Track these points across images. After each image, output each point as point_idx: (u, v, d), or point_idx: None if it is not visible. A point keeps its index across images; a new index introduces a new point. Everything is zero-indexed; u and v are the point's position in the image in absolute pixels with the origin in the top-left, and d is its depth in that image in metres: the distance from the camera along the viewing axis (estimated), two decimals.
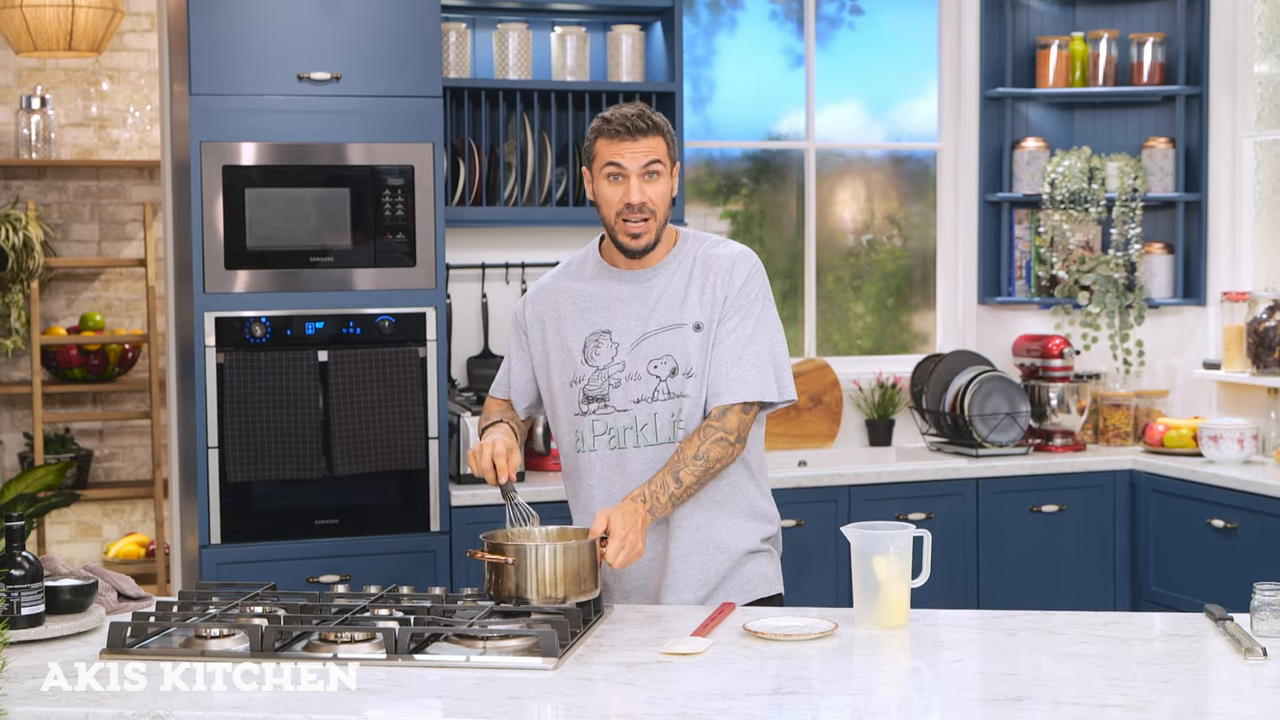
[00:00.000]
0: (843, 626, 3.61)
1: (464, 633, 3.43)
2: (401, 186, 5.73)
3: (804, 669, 3.29)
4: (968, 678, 3.30)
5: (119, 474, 8.98)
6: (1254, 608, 3.54)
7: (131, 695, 3.12)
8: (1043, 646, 3.49)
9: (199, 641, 3.45)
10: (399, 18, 5.72)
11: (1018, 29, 7.29)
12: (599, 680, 3.21)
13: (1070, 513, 6.56)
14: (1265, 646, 3.39)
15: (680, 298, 4.03)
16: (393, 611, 3.64)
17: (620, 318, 4.03)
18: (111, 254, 8.85)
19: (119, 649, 3.42)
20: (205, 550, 5.62)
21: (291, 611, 3.65)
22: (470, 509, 5.84)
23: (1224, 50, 7.04)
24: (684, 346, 3.99)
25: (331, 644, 3.39)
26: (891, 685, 3.28)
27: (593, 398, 4.02)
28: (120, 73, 8.85)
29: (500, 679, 3.21)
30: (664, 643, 3.47)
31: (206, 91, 5.57)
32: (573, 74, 6.41)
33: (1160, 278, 7.13)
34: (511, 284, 6.58)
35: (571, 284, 4.12)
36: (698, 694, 3.10)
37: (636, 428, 4.01)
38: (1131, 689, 3.15)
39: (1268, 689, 3.19)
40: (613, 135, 3.92)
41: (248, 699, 3.10)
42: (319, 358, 5.65)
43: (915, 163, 7.55)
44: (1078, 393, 6.80)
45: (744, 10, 7.26)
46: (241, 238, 5.61)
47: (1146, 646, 3.52)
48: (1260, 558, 5.97)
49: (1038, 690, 3.14)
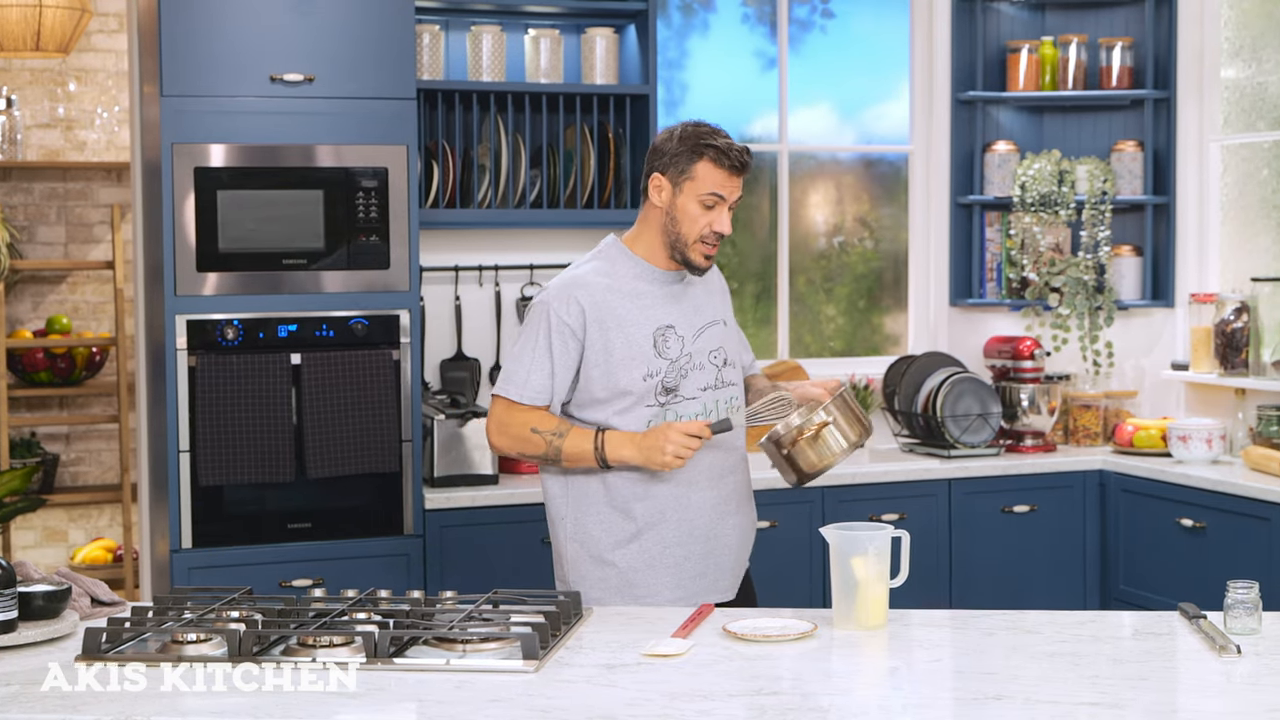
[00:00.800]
0: (822, 627, 3.63)
1: (444, 636, 3.43)
2: (375, 189, 5.72)
3: (784, 670, 3.30)
4: (947, 677, 3.32)
5: (86, 478, 8.93)
6: (1227, 605, 3.57)
7: (109, 700, 3.11)
8: (1020, 645, 3.51)
9: (175, 646, 3.43)
10: (372, 19, 5.71)
11: (988, 33, 7.31)
12: (580, 682, 3.22)
13: (1041, 513, 6.59)
14: (1239, 644, 3.42)
15: (705, 297, 4.32)
16: (371, 615, 3.63)
17: (677, 313, 4.23)
18: (79, 256, 8.81)
19: (94, 655, 3.40)
20: (176, 555, 5.60)
21: (269, 616, 3.64)
22: (444, 512, 5.84)
23: (1191, 54, 7.07)
24: (726, 340, 4.32)
25: (310, 648, 3.38)
26: (871, 685, 3.30)
27: (669, 389, 4.18)
28: (88, 73, 8.82)
29: (481, 682, 3.21)
30: (644, 644, 3.48)
31: (178, 93, 5.55)
32: (546, 76, 6.41)
33: (1129, 280, 7.16)
34: (485, 286, 6.58)
35: (621, 284, 4.22)
36: (680, 695, 3.10)
37: (705, 413, 4.19)
38: (1109, 687, 3.17)
39: (1242, 686, 3.21)
40: (728, 169, 4.13)
41: (226, 703, 3.10)
42: (291, 360, 5.64)
43: (887, 165, 7.56)
44: (1048, 394, 6.82)
45: (716, 13, 7.27)
46: (213, 240, 5.59)
47: (1122, 645, 3.55)
48: (1229, 557, 6.00)
49: (1016, 689, 3.16)
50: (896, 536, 3.73)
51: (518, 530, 5.89)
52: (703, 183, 4.12)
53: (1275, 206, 6.85)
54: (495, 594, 3.80)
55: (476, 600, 3.75)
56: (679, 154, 4.13)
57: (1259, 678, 3.24)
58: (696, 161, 4.11)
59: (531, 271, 6.60)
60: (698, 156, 4.11)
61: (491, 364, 6.57)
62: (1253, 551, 5.89)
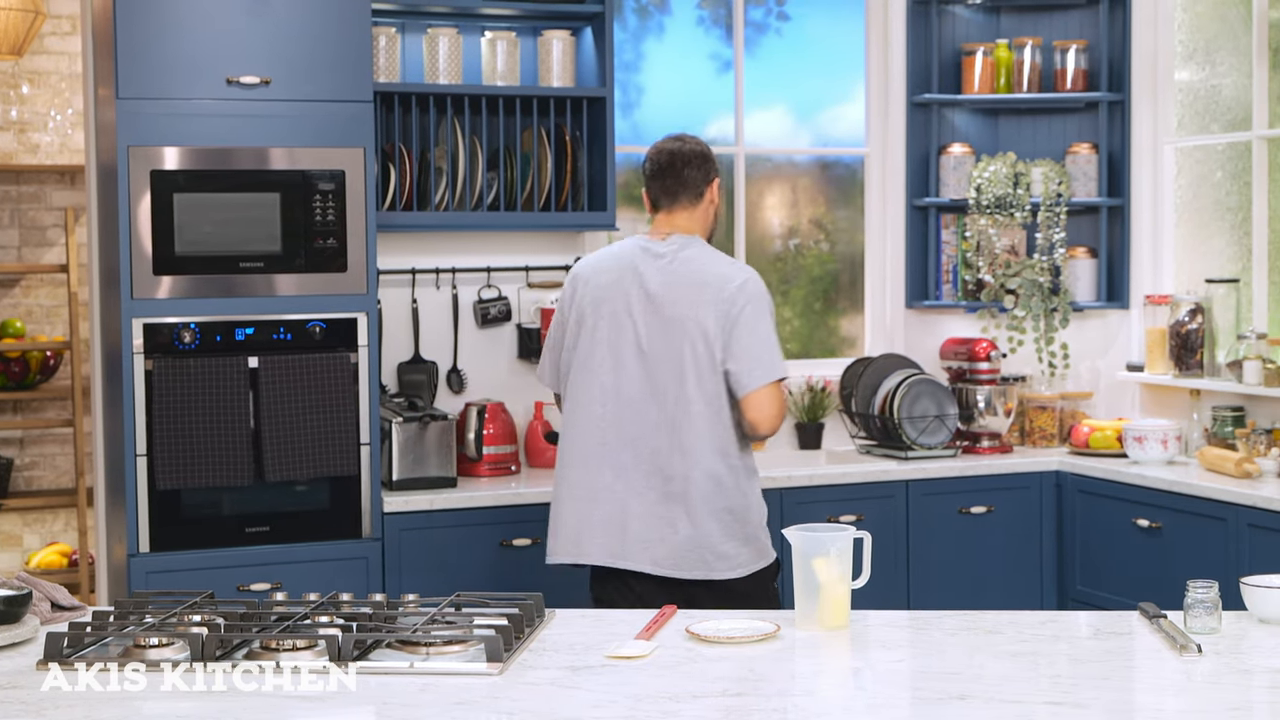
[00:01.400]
0: (784, 628, 3.63)
1: (407, 639, 3.41)
2: (332, 191, 5.71)
3: (748, 671, 3.30)
4: (910, 677, 3.33)
5: (40, 483, 8.89)
6: (1187, 605, 3.59)
7: (70, 704, 3.09)
8: (982, 646, 3.51)
9: (138, 651, 3.40)
10: (329, 22, 5.70)
11: (944, 36, 7.34)
12: (544, 685, 3.21)
13: (998, 514, 6.61)
14: (1199, 643, 3.43)
15: None
16: (334, 619, 3.61)
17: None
18: (32, 260, 8.77)
19: (56, 659, 3.37)
20: (134, 559, 5.57)
21: (231, 619, 3.61)
22: (402, 515, 5.83)
23: (1146, 57, 7.11)
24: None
25: (273, 652, 3.36)
26: (835, 686, 3.30)
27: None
28: (41, 76, 8.78)
29: (445, 684, 3.20)
30: (608, 646, 3.47)
31: (133, 95, 5.52)
32: (503, 78, 6.41)
33: (1084, 281, 7.19)
34: (442, 289, 6.57)
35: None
36: (645, 697, 3.10)
37: None
38: (1071, 686, 3.18)
39: (1203, 685, 3.22)
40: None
41: (189, 707, 3.08)
42: (249, 364, 5.62)
43: (843, 168, 7.58)
44: (1004, 395, 6.85)
45: (672, 16, 7.28)
46: (170, 243, 5.57)
47: (1084, 645, 3.57)
48: (1184, 557, 6.03)
49: (979, 688, 3.16)
50: (858, 538, 3.74)
51: (476, 533, 5.89)
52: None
53: (1229, 208, 6.89)
54: (458, 597, 3.78)
55: (439, 603, 3.74)
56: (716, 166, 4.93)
57: (1220, 676, 3.25)
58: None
59: (489, 274, 6.60)
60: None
61: (449, 367, 6.56)
62: (1208, 551, 5.93)
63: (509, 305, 6.60)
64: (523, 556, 5.93)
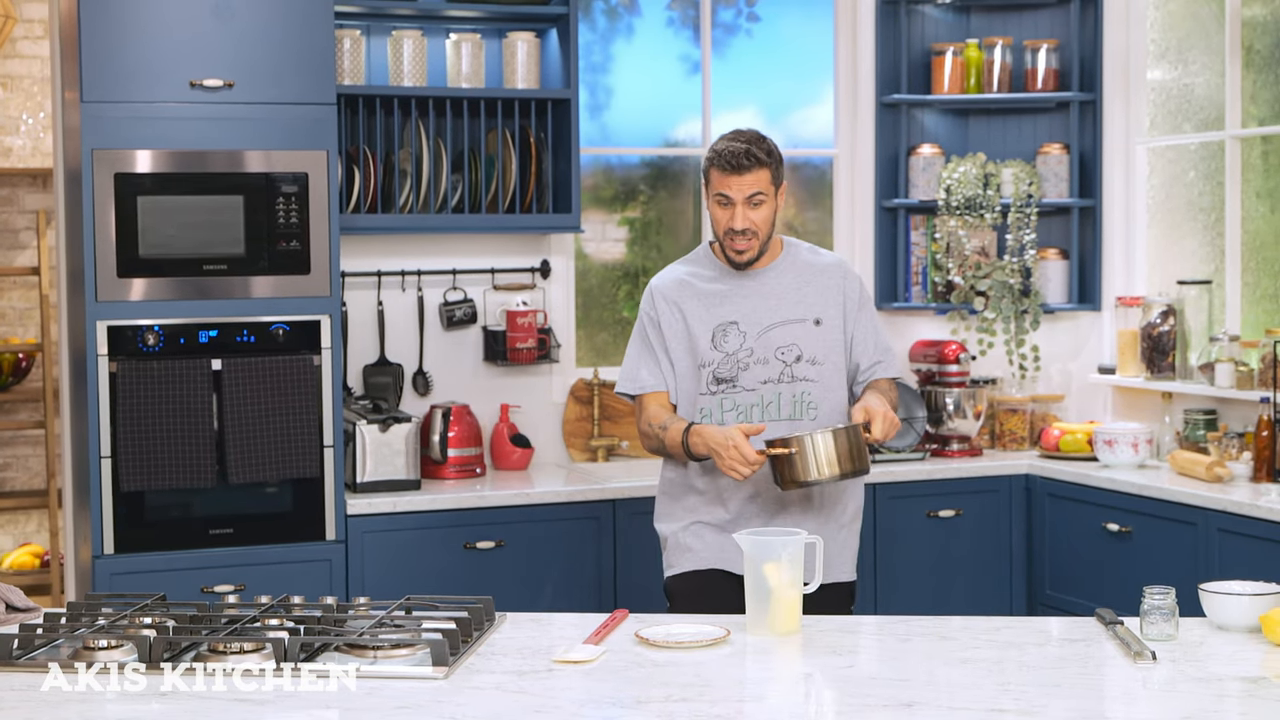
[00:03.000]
0: (735, 633, 3.62)
1: (354, 642, 3.41)
2: (295, 194, 5.69)
3: (695, 676, 3.29)
4: (860, 683, 3.31)
5: (13, 484, 8.88)
6: (1143, 611, 3.58)
7: (13, 706, 3.08)
8: (935, 652, 3.51)
9: (87, 653, 3.41)
10: (292, 25, 5.68)
11: (913, 36, 7.32)
12: (489, 689, 3.20)
13: (967, 517, 6.59)
14: (1154, 650, 3.42)
15: (796, 296, 4.61)
16: (283, 621, 3.60)
17: (745, 310, 4.58)
18: (4, 262, 8.75)
19: (5, 662, 3.38)
20: (99, 560, 5.56)
21: (181, 622, 3.62)
22: (366, 518, 5.81)
23: (1117, 57, 7.09)
24: (807, 338, 4.58)
25: (221, 654, 3.36)
26: (783, 693, 3.29)
27: (722, 379, 4.55)
28: (13, 79, 8.76)
29: (390, 688, 3.20)
30: (555, 650, 3.46)
31: (98, 98, 5.51)
32: (468, 81, 6.39)
33: (1055, 283, 7.17)
34: (408, 291, 6.55)
35: (698, 282, 4.65)
36: (589, 702, 3.10)
37: (762, 405, 4.54)
38: (1023, 693, 3.17)
39: (1157, 692, 3.21)
40: (723, 169, 4.48)
41: (136, 709, 3.09)
42: (212, 366, 5.60)
43: (812, 169, 7.56)
44: (974, 398, 6.83)
45: (641, 17, 7.26)
46: (134, 246, 5.55)
47: (1038, 651, 3.55)
48: (1154, 561, 6.02)
49: (929, 695, 3.16)
50: (810, 543, 3.73)
51: (439, 535, 5.88)
52: (714, 186, 4.52)
53: (1202, 209, 6.88)
54: (408, 600, 3.78)
55: (389, 606, 3.73)
56: (706, 162, 4.55)
57: (1174, 684, 3.24)
58: (710, 170, 4.53)
59: (454, 276, 6.58)
60: (709, 164, 4.53)
61: (415, 369, 6.54)
62: (1178, 556, 5.91)
63: (474, 308, 6.58)
64: (486, 559, 5.92)
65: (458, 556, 5.88)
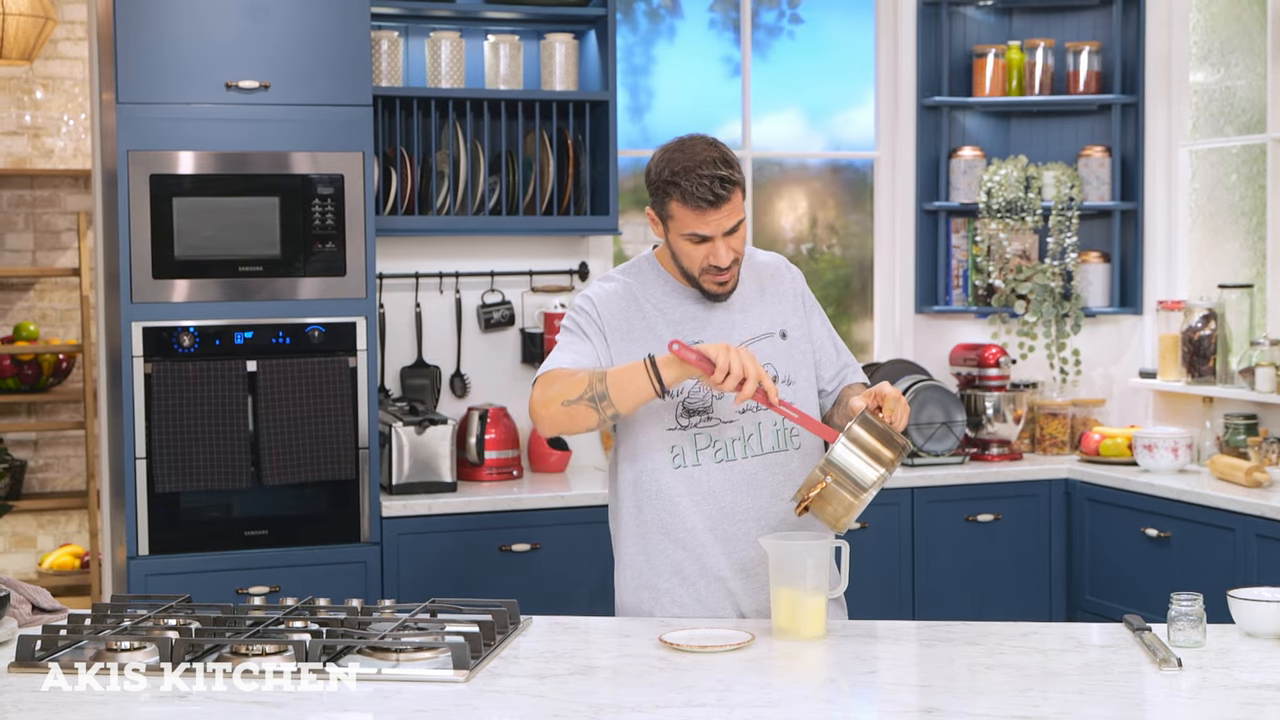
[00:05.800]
0: (760, 638, 3.59)
1: (377, 645, 3.40)
2: (331, 195, 5.70)
3: (717, 681, 3.27)
4: (881, 689, 3.29)
5: (54, 484, 8.92)
6: (1171, 618, 3.54)
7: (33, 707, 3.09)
8: (959, 658, 3.48)
9: (109, 654, 3.41)
10: (328, 26, 5.69)
11: (954, 38, 7.28)
12: (510, 693, 3.19)
13: (1006, 522, 6.55)
14: (1180, 657, 3.38)
15: (758, 307, 4.00)
16: (307, 624, 3.60)
17: (712, 330, 3.93)
18: (46, 264, 8.79)
19: (28, 663, 3.38)
20: (134, 562, 5.57)
21: (205, 624, 3.61)
22: (401, 519, 5.81)
23: (1160, 59, 7.04)
24: (778, 355, 3.97)
25: (242, 656, 3.36)
26: (804, 698, 3.26)
27: (694, 411, 3.89)
28: (54, 81, 8.80)
29: (411, 691, 3.19)
30: (578, 655, 3.45)
31: (133, 100, 5.52)
32: (506, 82, 6.38)
33: (1096, 287, 7.13)
34: (445, 293, 6.55)
35: (647, 299, 3.97)
36: (608, 706, 3.08)
37: (744, 438, 3.92)
38: (1044, 700, 3.14)
39: (1182, 700, 3.18)
40: (698, 207, 3.76)
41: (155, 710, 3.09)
42: (248, 367, 5.61)
43: (853, 171, 7.54)
44: (1014, 402, 6.79)
45: (683, 19, 7.24)
46: (169, 247, 5.57)
47: (1063, 657, 3.52)
48: (1193, 566, 5.97)
49: (949, 702, 3.13)
50: (837, 546, 3.71)
51: (475, 538, 5.87)
52: (681, 223, 3.80)
53: (1244, 213, 6.83)
54: (433, 602, 3.77)
55: (413, 609, 3.73)
56: (657, 189, 3.82)
57: (1199, 691, 3.21)
58: (669, 201, 3.80)
59: (492, 279, 6.58)
60: (668, 196, 3.79)
61: (452, 371, 6.54)
62: (1217, 561, 5.86)
63: (512, 310, 6.57)
64: (521, 562, 5.91)
65: (493, 559, 5.88)
